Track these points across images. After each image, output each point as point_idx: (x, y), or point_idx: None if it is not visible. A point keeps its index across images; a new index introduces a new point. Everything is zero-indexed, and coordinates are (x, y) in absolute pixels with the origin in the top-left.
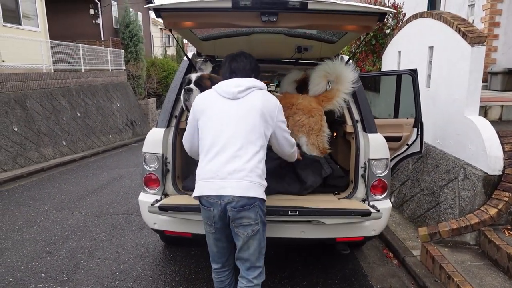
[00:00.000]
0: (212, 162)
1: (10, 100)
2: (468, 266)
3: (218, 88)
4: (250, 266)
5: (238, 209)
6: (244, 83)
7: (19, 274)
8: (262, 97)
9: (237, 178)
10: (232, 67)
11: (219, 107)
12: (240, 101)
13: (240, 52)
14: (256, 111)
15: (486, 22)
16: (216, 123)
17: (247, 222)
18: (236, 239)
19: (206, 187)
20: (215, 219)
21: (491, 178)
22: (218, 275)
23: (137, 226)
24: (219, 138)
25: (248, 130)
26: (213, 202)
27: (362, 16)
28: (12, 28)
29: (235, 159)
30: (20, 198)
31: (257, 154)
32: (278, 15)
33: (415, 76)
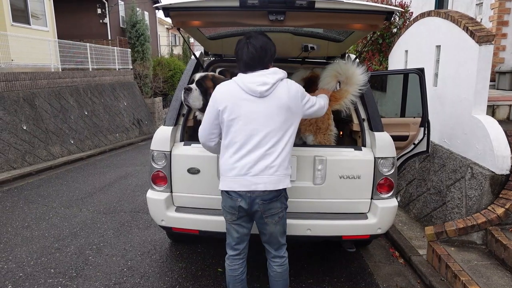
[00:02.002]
0: (244, 160)
1: (19, 99)
2: (474, 266)
3: (242, 84)
4: (278, 246)
5: (268, 202)
6: (270, 81)
7: (29, 269)
8: (287, 91)
9: (268, 174)
10: (248, 61)
11: (248, 107)
12: (266, 99)
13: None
14: (283, 107)
15: (495, 21)
16: (246, 122)
17: (275, 211)
18: (263, 227)
19: (237, 183)
20: (240, 209)
21: (498, 178)
22: (232, 262)
23: (144, 224)
24: (251, 137)
25: (278, 127)
26: (243, 195)
27: (369, 15)
28: (21, 27)
29: (266, 157)
30: (29, 195)
31: (285, 148)
32: (286, 14)
33: (422, 75)
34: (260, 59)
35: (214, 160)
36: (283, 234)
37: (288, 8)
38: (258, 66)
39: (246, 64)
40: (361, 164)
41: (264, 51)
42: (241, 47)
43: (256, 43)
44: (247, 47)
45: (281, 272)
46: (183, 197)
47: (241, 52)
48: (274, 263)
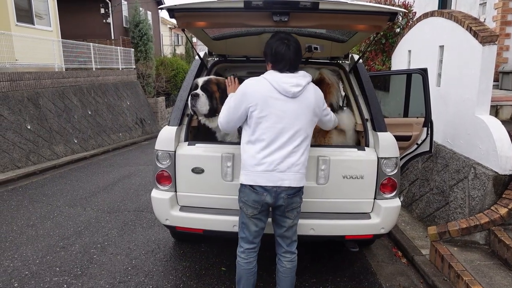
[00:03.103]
0: (273, 156)
1: (24, 99)
2: (477, 265)
3: (275, 84)
4: (291, 242)
5: (292, 196)
6: (302, 82)
7: (34, 267)
8: (314, 93)
9: (294, 171)
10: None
11: (279, 106)
12: (297, 100)
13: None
14: (310, 108)
15: (498, 21)
16: (276, 120)
17: (295, 205)
18: (283, 221)
19: (264, 178)
20: (263, 203)
21: (501, 178)
22: (248, 255)
23: (148, 223)
24: (280, 135)
25: (304, 127)
26: (269, 189)
27: (372, 16)
28: (26, 27)
29: (293, 154)
30: (34, 194)
31: (308, 147)
32: (290, 14)
33: (425, 75)
34: (299, 60)
35: (218, 160)
36: (296, 230)
37: (292, 9)
38: (297, 66)
39: (290, 65)
40: (364, 164)
41: (301, 52)
42: (285, 48)
43: (297, 43)
44: (292, 48)
45: (291, 268)
46: (187, 197)
47: (287, 53)
48: (285, 259)
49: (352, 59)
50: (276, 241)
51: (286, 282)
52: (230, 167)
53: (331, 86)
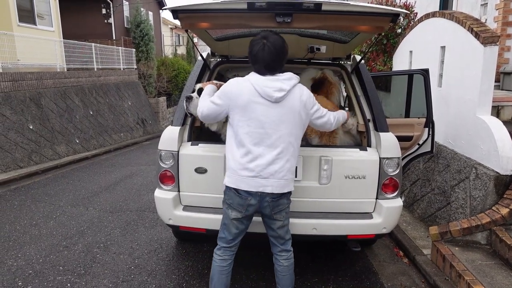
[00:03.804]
0: (255, 162)
1: (26, 99)
2: (479, 265)
3: (258, 87)
4: (284, 241)
5: (277, 199)
6: (286, 87)
7: (38, 267)
8: (299, 96)
9: (277, 178)
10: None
11: (261, 111)
12: (280, 104)
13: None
14: (296, 113)
15: (499, 22)
16: (258, 125)
17: (282, 207)
18: (271, 223)
19: (246, 183)
20: (249, 207)
21: (503, 178)
22: (224, 252)
23: (150, 222)
24: (262, 141)
25: (288, 132)
26: (253, 194)
27: (375, 17)
28: (27, 27)
29: (277, 161)
30: (36, 194)
31: (294, 153)
32: (293, 16)
33: (426, 76)
34: (280, 61)
35: (221, 160)
36: (288, 229)
37: (295, 10)
38: (279, 68)
39: (268, 66)
40: (366, 164)
41: (283, 52)
42: (260, 48)
43: (276, 43)
44: (267, 48)
45: (288, 266)
46: (190, 196)
47: (261, 54)
48: (281, 257)
49: (354, 60)
50: (270, 241)
51: (285, 280)
52: None
53: (333, 86)
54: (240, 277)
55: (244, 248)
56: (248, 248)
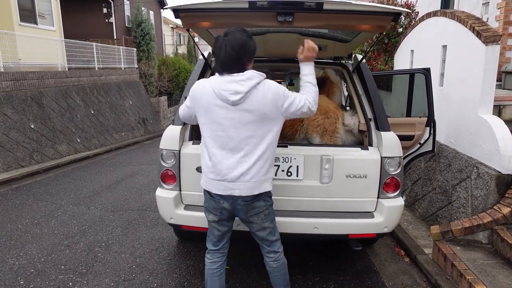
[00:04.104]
0: (220, 166)
1: (27, 98)
2: (480, 265)
3: (216, 89)
4: (270, 242)
5: (250, 202)
6: (242, 89)
7: (39, 265)
8: (262, 97)
9: (244, 181)
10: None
11: (221, 114)
12: (240, 107)
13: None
14: (258, 115)
15: (501, 21)
16: (219, 129)
17: (258, 210)
18: (250, 226)
19: (214, 186)
20: (223, 210)
21: (504, 177)
22: (213, 255)
23: (151, 222)
24: (225, 144)
25: (252, 134)
26: (225, 197)
27: (376, 16)
28: (29, 27)
29: (241, 164)
30: (38, 193)
31: (264, 154)
32: (294, 15)
33: (428, 75)
34: (239, 60)
35: None
36: (274, 230)
37: (297, 10)
38: (236, 67)
39: (223, 64)
40: (367, 164)
41: (243, 50)
42: (219, 46)
43: (234, 42)
44: (224, 46)
45: (277, 267)
46: (192, 195)
47: (218, 51)
48: (269, 259)
49: (355, 59)
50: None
51: (277, 280)
52: None
53: (335, 86)
54: (242, 276)
55: (244, 247)
56: (248, 248)
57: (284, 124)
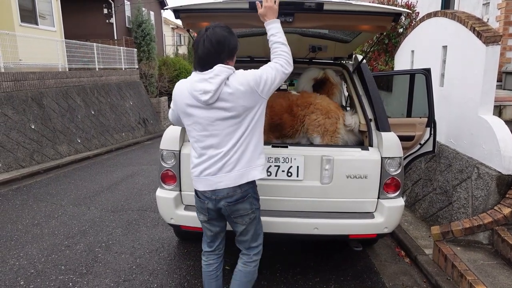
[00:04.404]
0: (204, 164)
1: (28, 98)
2: (481, 265)
3: (189, 89)
4: (249, 246)
5: (234, 203)
6: (211, 88)
7: (40, 266)
8: (234, 93)
9: (225, 172)
10: (203, 57)
11: (198, 114)
12: (215, 106)
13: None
14: (238, 109)
15: (502, 21)
16: (200, 128)
17: (243, 212)
18: (234, 226)
19: (201, 184)
20: (209, 210)
21: (505, 178)
22: (208, 257)
23: (151, 222)
24: (206, 142)
25: (232, 130)
26: (209, 197)
27: (377, 17)
28: (29, 27)
29: (223, 158)
30: (38, 193)
31: (243, 143)
32: (294, 15)
33: (428, 76)
34: (217, 55)
35: None
36: (256, 236)
37: (297, 10)
38: (214, 64)
39: (200, 60)
40: (368, 164)
41: (222, 46)
42: (198, 40)
43: (213, 37)
44: (203, 41)
45: (242, 272)
46: (192, 196)
47: (197, 46)
48: (240, 260)
49: (356, 59)
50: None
51: (233, 285)
52: None
53: (335, 87)
54: None
55: None
56: None
57: (285, 123)
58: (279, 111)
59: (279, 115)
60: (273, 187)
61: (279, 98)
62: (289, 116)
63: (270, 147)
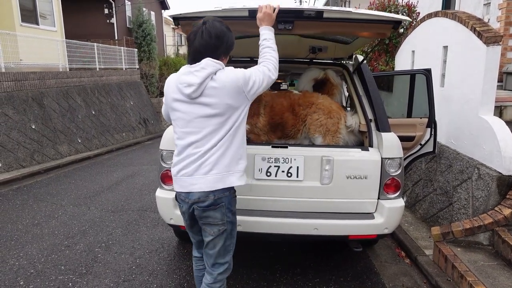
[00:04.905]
0: (182, 163)
1: (28, 98)
2: (481, 266)
3: (176, 82)
4: (214, 263)
5: (204, 208)
6: (195, 81)
7: (39, 266)
8: (220, 89)
9: (202, 174)
10: (199, 49)
11: (183, 108)
12: (198, 101)
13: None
14: (222, 107)
15: (502, 21)
16: (183, 124)
17: (213, 221)
18: (204, 235)
19: (177, 184)
20: (185, 215)
21: (505, 179)
22: (197, 262)
23: (151, 222)
24: (188, 139)
25: (215, 129)
26: (183, 199)
27: (376, 24)
28: (30, 27)
29: (201, 158)
30: (38, 193)
31: (224, 144)
32: (294, 23)
33: (429, 76)
34: (214, 49)
35: None
36: (225, 252)
37: (297, 18)
38: (206, 56)
39: (196, 51)
40: (368, 165)
41: (221, 40)
42: (195, 31)
43: (212, 30)
44: (201, 32)
45: None
46: None
47: (193, 37)
48: (205, 279)
49: (356, 60)
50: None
51: None
52: None
53: (335, 87)
54: (242, 277)
55: (245, 247)
56: (248, 248)
57: (286, 123)
58: (279, 111)
59: (280, 115)
60: (273, 187)
61: (280, 97)
62: (291, 116)
63: (270, 147)
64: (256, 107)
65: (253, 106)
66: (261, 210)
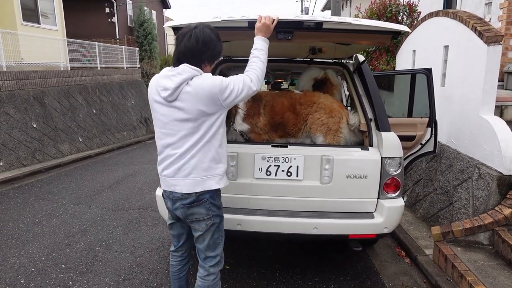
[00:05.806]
0: (164, 163)
1: (30, 97)
2: (481, 266)
3: (156, 83)
4: (206, 256)
5: (188, 206)
6: (170, 85)
7: (40, 264)
8: (194, 95)
9: (182, 176)
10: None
11: (162, 110)
12: (174, 104)
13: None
14: (194, 113)
15: (504, 21)
16: (161, 126)
17: (199, 217)
18: (193, 230)
19: (162, 182)
20: (169, 211)
21: (506, 178)
22: (172, 257)
23: (152, 221)
24: (166, 140)
25: (190, 132)
26: (167, 197)
27: (376, 35)
28: (31, 26)
29: (179, 160)
30: (39, 192)
31: (201, 148)
32: (293, 33)
33: (429, 75)
34: (198, 54)
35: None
36: (214, 246)
37: (296, 29)
38: (192, 62)
39: (181, 53)
40: (368, 164)
41: (207, 46)
42: (183, 33)
43: (200, 35)
44: (189, 36)
45: (200, 286)
46: None
47: (181, 39)
48: (198, 273)
49: (356, 59)
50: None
51: None
52: (234, 166)
53: (335, 87)
54: (241, 276)
55: (245, 247)
56: (248, 247)
57: (287, 122)
58: (280, 110)
59: (280, 114)
60: (272, 186)
61: (281, 97)
62: (292, 115)
63: (270, 146)
64: (257, 107)
65: (254, 106)
66: (261, 209)
